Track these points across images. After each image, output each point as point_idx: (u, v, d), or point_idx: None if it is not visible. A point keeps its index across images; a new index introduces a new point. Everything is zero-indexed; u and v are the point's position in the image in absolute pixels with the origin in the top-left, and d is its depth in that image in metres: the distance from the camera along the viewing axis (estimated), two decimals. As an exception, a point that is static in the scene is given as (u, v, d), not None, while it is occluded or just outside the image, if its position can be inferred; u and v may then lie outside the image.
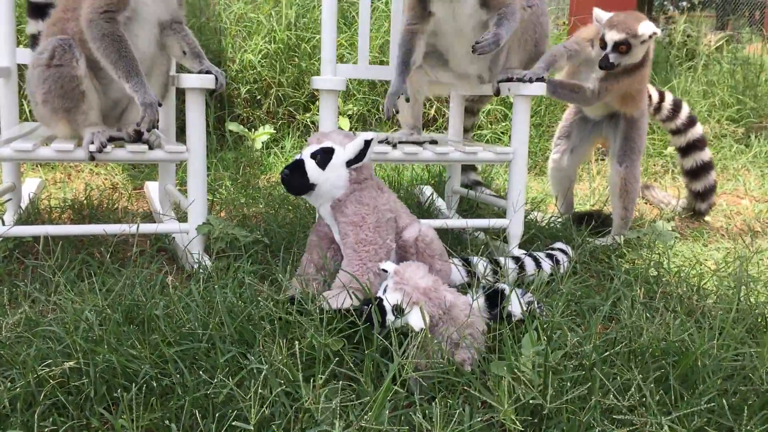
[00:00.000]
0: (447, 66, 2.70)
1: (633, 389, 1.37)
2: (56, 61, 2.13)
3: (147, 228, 2.24)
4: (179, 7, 2.32)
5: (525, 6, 2.54)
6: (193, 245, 2.25)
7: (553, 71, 2.63)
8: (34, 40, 2.44)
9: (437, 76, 2.74)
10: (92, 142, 2.12)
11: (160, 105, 2.15)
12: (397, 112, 2.56)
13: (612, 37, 2.55)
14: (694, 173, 3.25)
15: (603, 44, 2.58)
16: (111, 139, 2.19)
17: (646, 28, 2.56)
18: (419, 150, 2.45)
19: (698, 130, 3.23)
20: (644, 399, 1.37)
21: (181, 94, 2.34)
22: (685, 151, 3.26)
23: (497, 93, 2.60)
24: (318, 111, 4.21)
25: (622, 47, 2.55)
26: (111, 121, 2.36)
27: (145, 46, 2.23)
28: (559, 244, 2.41)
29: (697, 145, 3.24)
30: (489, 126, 4.52)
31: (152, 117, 2.13)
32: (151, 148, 2.21)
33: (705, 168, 3.24)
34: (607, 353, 1.52)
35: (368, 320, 1.58)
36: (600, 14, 2.63)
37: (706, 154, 3.24)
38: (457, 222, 2.73)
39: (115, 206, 2.96)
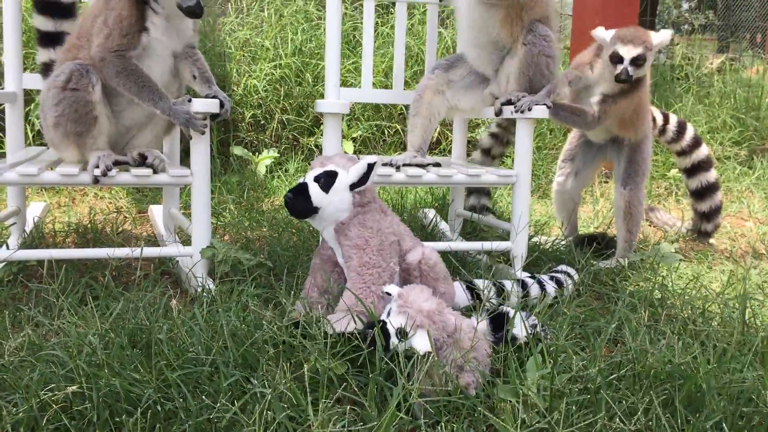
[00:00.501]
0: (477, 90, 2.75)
1: (639, 413, 1.36)
2: (72, 84, 2.15)
3: (151, 252, 2.25)
4: (194, 35, 2.34)
5: (523, 42, 2.57)
6: (197, 269, 2.26)
7: (555, 98, 2.64)
8: (45, 68, 2.46)
9: (458, 102, 2.78)
10: (97, 166, 2.13)
11: (191, 114, 2.18)
12: None
13: (630, 52, 2.55)
14: (700, 194, 3.25)
15: (618, 59, 2.56)
16: (116, 163, 2.20)
17: (659, 37, 2.59)
18: (422, 173, 2.45)
19: (704, 150, 3.23)
20: (650, 422, 1.36)
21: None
22: (691, 172, 3.26)
23: (498, 114, 2.61)
24: (321, 135, 4.24)
25: (640, 61, 2.56)
26: (119, 147, 2.38)
27: (158, 77, 2.26)
28: (563, 267, 2.41)
29: (703, 165, 3.24)
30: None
31: (197, 128, 2.19)
32: (155, 172, 2.22)
33: (711, 189, 3.24)
34: (613, 376, 1.51)
35: (372, 344, 1.58)
36: (602, 33, 2.64)
37: (712, 175, 3.24)
38: (460, 244, 2.73)
39: (119, 230, 2.97)
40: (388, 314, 1.62)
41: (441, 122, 4.50)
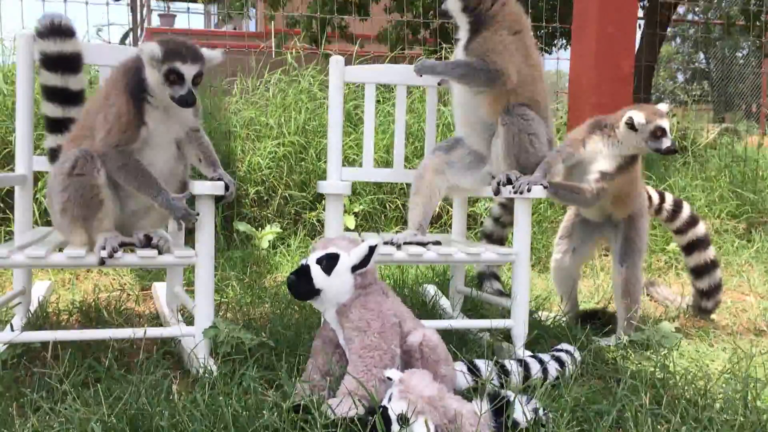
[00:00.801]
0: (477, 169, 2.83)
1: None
2: (78, 170, 2.21)
3: (154, 332, 2.27)
4: (195, 119, 2.42)
5: (502, 123, 2.65)
6: (199, 349, 2.27)
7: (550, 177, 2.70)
8: (52, 154, 2.53)
9: (458, 182, 2.84)
10: (104, 248, 2.17)
11: (188, 210, 2.24)
12: None
13: (667, 124, 2.68)
14: (699, 272, 3.26)
15: (662, 133, 2.67)
16: (122, 244, 2.24)
17: (664, 107, 2.75)
18: (423, 251, 2.49)
19: (701, 229, 3.26)
20: None
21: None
22: (689, 249, 3.28)
23: (496, 194, 2.65)
24: (323, 209, 4.29)
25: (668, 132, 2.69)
26: (126, 228, 2.42)
27: (162, 164, 2.33)
28: (564, 345, 2.42)
29: (700, 244, 3.25)
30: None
31: (191, 222, 2.25)
32: (160, 252, 2.26)
33: (709, 266, 3.25)
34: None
35: (373, 430, 1.58)
36: (635, 116, 2.68)
37: (710, 253, 3.26)
38: (461, 322, 2.75)
39: (123, 308, 2.99)
40: (390, 399, 1.63)
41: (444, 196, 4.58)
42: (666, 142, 2.67)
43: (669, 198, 3.27)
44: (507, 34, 2.63)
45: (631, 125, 2.70)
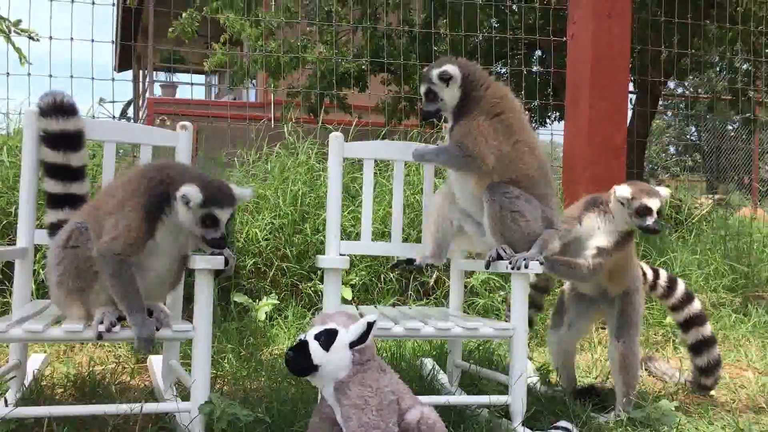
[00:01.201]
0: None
1: None
2: (72, 242, 2.23)
3: (149, 407, 2.24)
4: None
5: (486, 200, 2.70)
6: (195, 425, 2.24)
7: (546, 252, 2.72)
8: (52, 229, 2.53)
9: (463, 224, 2.89)
10: (101, 322, 2.17)
11: (154, 333, 2.20)
12: None
13: (655, 204, 2.72)
14: (697, 348, 3.25)
15: (647, 211, 2.71)
16: (120, 318, 2.24)
17: (664, 191, 2.81)
18: (421, 326, 2.50)
19: (696, 306, 3.26)
20: None
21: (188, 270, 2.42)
22: (686, 326, 3.28)
23: (487, 267, 2.66)
24: (320, 281, 4.30)
25: (661, 211, 2.73)
26: None
27: (161, 270, 2.34)
28: (562, 423, 2.40)
29: (696, 321, 3.26)
30: (487, 294, 4.58)
31: (146, 349, 2.20)
32: (159, 327, 2.26)
33: (707, 342, 3.24)
34: None
35: None
36: (621, 190, 2.76)
37: (707, 329, 3.25)
38: (458, 399, 2.74)
39: (117, 381, 2.96)
40: (388, 481, 1.61)
41: (436, 267, 4.60)
42: (648, 221, 2.71)
43: (663, 275, 3.29)
44: (485, 118, 2.69)
45: (619, 200, 2.76)
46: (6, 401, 2.42)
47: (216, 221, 2.22)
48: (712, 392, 3.29)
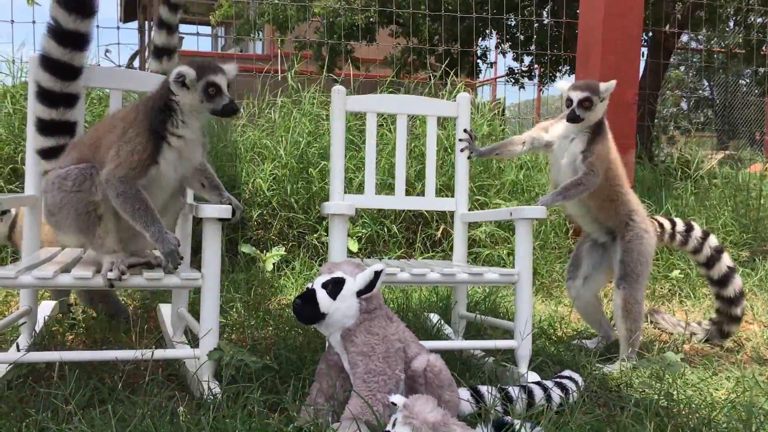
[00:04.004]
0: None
1: None
2: (76, 187, 2.23)
3: (159, 354, 2.27)
4: (203, 157, 2.44)
5: None
6: (203, 371, 2.27)
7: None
8: (45, 155, 2.48)
9: None
10: (111, 270, 2.18)
11: (179, 245, 2.24)
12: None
13: (578, 95, 2.87)
14: (722, 281, 3.32)
15: (569, 103, 2.90)
16: (130, 266, 2.26)
17: (605, 85, 2.91)
18: (426, 272, 2.51)
19: (713, 240, 3.34)
20: None
21: (197, 219, 2.43)
22: (709, 264, 3.34)
23: None
24: (326, 232, 4.31)
25: (586, 103, 2.86)
26: (132, 242, 2.45)
27: (160, 199, 2.35)
28: (567, 372, 2.42)
29: (717, 254, 3.32)
30: (492, 246, 4.59)
31: (174, 263, 2.23)
32: (167, 271, 2.27)
33: (731, 273, 3.31)
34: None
35: (377, 455, 1.59)
36: (562, 83, 2.98)
37: (728, 259, 3.33)
38: (464, 343, 2.77)
39: (127, 329, 3.00)
40: (394, 425, 1.64)
41: (444, 219, 4.61)
42: (567, 111, 2.90)
43: (680, 222, 3.33)
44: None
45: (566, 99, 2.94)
46: (18, 346, 2.45)
47: (218, 87, 2.24)
48: (716, 344, 3.32)
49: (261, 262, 4.18)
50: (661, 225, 3.27)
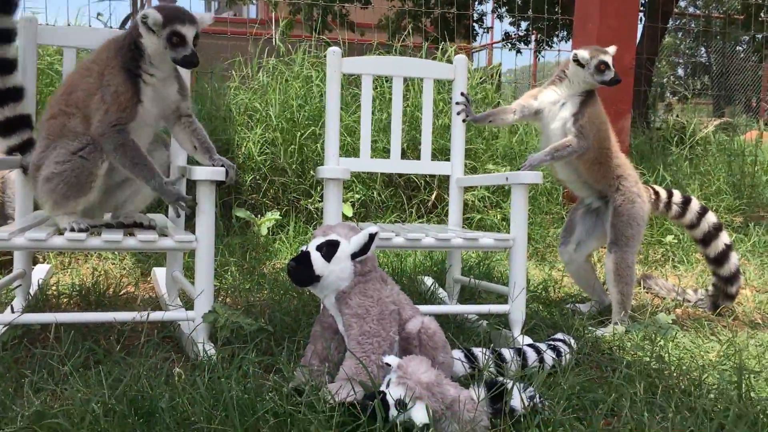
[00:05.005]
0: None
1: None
2: (83, 153, 2.22)
3: (154, 316, 2.27)
4: (184, 101, 2.43)
5: None
6: (198, 333, 2.28)
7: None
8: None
9: None
10: (73, 229, 2.19)
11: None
12: None
13: (609, 58, 2.94)
14: (719, 260, 3.29)
15: (605, 66, 2.93)
16: (93, 227, 2.29)
17: (612, 50, 2.99)
18: (422, 236, 2.51)
19: (711, 217, 3.30)
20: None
21: (191, 182, 2.42)
22: (706, 241, 3.31)
23: None
24: (320, 197, 4.30)
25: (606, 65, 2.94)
26: (121, 207, 2.48)
27: (143, 145, 2.35)
28: (560, 335, 2.44)
29: (714, 232, 3.29)
30: (486, 211, 4.60)
31: (184, 209, 2.27)
32: (147, 228, 2.27)
33: (727, 251, 3.28)
34: (609, 451, 1.53)
35: (372, 415, 1.60)
36: (581, 52, 2.97)
37: (725, 237, 3.30)
38: (459, 308, 2.78)
39: (122, 292, 3.00)
40: (388, 385, 1.65)
41: (438, 185, 4.60)
42: (609, 74, 2.93)
43: (677, 194, 3.30)
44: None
45: (577, 61, 2.94)
46: (12, 308, 2.45)
47: (182, 38, 2.22)
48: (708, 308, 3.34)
49: (256, 227, 4.17)
50: (656, 193, 3.25)
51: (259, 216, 4.28)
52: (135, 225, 2.47)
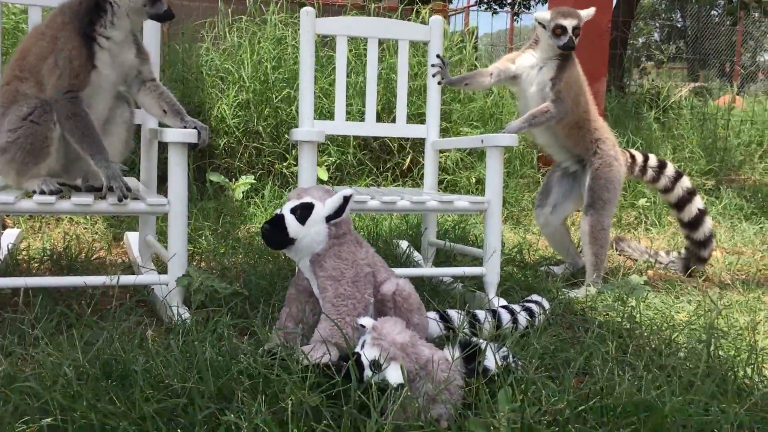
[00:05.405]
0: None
1: (605, 445, 1.40)
2: (34, 117, 2.17)
3: (127, 279, 2.25)
4: (144, 65, 2.38)
5: None
6: (172, 297, 2.27)
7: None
8: None
9: None
10: (43, 191, 2.16)
11: (125, 172, 2.21)
12: None
13: (570, 23, 2.87)
14: (693, 224, 3.32)
15: (561, 31, 2.87)
16: (63, 185, 2.25)
17: (586, 12, 2.93)
18: (396, 199, 2.51)
19: (686, 182, 3.32)
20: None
21: (163, 145, 2.38)
22: (680, 205, 3.33)
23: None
24: (295, 161, 4.27)
25: (577, 30, 2.89)
26: (70, 174, 2.43)
27: (102, 110, 2.32)
28: (534, 297, 2.46)
29: (689, 196, 3.32)
30: (459, 173, 4.60)
31: (120, 189, 2.18)
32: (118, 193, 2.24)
33: (701, 216, 3.31)
34: (581, 408, 1.55)
35: (346, 375, 1.60)
36: (541, 13, 2.97)
37: (699, 202, 3.32)
38: (433, 270, 2.79)
39: (94, 257, 2.97)
40: (362, 346, 1.65)
41: (413, 148, 4.59)
42: (563, 40, 2.88)
43: (653, 158, 3.32)
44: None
45: (540, 23, 2.93)
46: (-19, 274, 2.42)
47: None
48: (680, 270, 3.39)
49: (230, 191, 4.14)
50: (632, 157, 3.27)
51: (233, 180, 4.24)
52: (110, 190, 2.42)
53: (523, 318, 2.27)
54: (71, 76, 2.16)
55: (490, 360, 1.76)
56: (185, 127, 2.35)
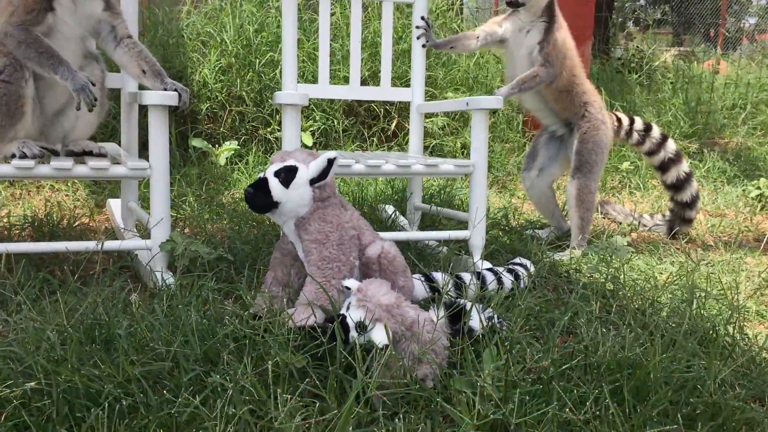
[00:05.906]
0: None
1: (589, 402, 1.41)
2: (5, 77, 2.13)
3: (110, 245, 2.22)
4: (112, 17, 2.33)
5: None
6: (156, 262, 2.25)
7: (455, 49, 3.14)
8: None
9: None
10: (24, 155, 2.14)
11: (93, 84, 2.17)
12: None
13: None
14: (678, 186, 3.34)
15: None
16: (43, 150, 2.22)
17: None
18: (382, 163, 2.49)
19: (671, 146, 3.33)
20: (599, 411, 1.42)
21: (144, 109, 2.34)
22: (664, 168, 3.35)
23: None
24: (279, 126, 4.23)
25: None
26: (49, 139, 2.40)
27: (73, 63, 2.26)
28: (519, 259, 2.47)
29: (675, 160, 3.33)
30: (445, 138, 4.59)
31: (88, 99, 2.14)
32: (98, 155, 2.21)
33: (687, 178, 3.34)
34: (565, 366, 1.57)
35: (332, 337, 1.61)
36: None
37: (685, 166, 3.34)
38: (418, 234, 2.78)
39: (77, 223, 2.94)
40: (348, 308, 1.65)
41: (398, 113, 4.56)
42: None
43: (639, 121, 3.32)
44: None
45: None
46: (-39, 240, 2.39)
47: None
48: (663, 232, 3.41)
49: (213, 157, 4.10)
50: (619, 120, 3.27)
51: (216, 146, 4.20)
52: (85, 153, 2.40)
53: (507, 280, 2.28)
54: (25, 12, 2.13)
55: (475, 320, 1.77)
56: (165, 89, 2.31)
